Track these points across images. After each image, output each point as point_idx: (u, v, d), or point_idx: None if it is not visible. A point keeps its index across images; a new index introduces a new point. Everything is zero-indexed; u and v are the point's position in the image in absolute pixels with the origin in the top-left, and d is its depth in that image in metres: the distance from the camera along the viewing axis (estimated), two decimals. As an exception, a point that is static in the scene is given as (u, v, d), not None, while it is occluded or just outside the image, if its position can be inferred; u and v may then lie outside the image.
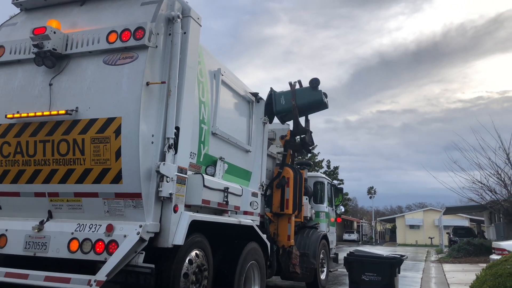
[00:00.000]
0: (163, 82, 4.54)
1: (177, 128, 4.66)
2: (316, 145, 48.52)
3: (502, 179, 18.07)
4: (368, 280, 5.34)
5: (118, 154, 4.28)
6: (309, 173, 10.50)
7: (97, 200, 4.43)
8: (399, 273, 5.66)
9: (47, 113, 4.54)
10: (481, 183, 18.60)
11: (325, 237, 9.49)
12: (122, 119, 4.32)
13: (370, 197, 71.08)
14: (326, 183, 10.75)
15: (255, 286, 6.01)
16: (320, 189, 10.49)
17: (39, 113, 4.57)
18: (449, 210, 34.93)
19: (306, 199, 9.11)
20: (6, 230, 4.64)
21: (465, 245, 21.55)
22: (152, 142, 4.44)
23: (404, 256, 5.89)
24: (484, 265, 14.90)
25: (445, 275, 13.66)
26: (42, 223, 4.53)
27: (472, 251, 20.40)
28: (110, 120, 4.36)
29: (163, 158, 4.46)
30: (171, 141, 4.54)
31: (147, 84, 4.38)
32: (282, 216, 7.84)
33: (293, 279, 8.01)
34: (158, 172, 4.32)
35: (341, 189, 12.24)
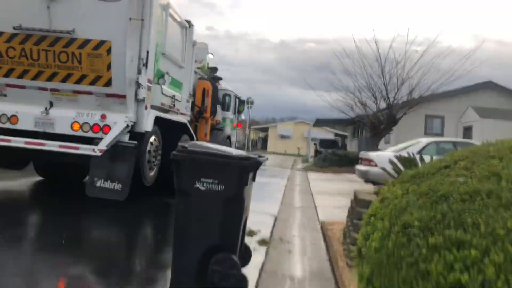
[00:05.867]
0: (142, 20, 6.41)
1: (147, 52, 6.66)
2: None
3: (374, 93, 17.92)
4: (205, 190, 3.34)
5: (109, 66, 6.20)
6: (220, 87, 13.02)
7: (91, 97, 6.38)
8: (254, 180, 3.73)
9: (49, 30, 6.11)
10: (353, 94, 18.36)
11: (229, 137, 12.47)
12: (112, 43, 6.17)
13: (249, 107, 75.52)
14: (232, 95, 13.47)
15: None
16: (227, 100, 13.17)
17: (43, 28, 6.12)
18: (319, 122, 38.88)
19: (219, 106, 11.76)
20: (17, 112, 6.36)
21: (330, 155, 22.38)
22: (132, 61, 6.42)
23: (263, 157, 3.73)
24: (349, 175, 14.87)
25: (309, 183, 13.84)
26: (46, 109, 6.35)
27: (336, 161, 20.94)
28: (102, 42, 6.17)
29: (139, 72, 6.50)
30: (144, 61, 6.57)
31: (130, 19, 6.22)
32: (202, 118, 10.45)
33: None
34: (137, 82, 6.40)
35: (244, 101, 15.10)
